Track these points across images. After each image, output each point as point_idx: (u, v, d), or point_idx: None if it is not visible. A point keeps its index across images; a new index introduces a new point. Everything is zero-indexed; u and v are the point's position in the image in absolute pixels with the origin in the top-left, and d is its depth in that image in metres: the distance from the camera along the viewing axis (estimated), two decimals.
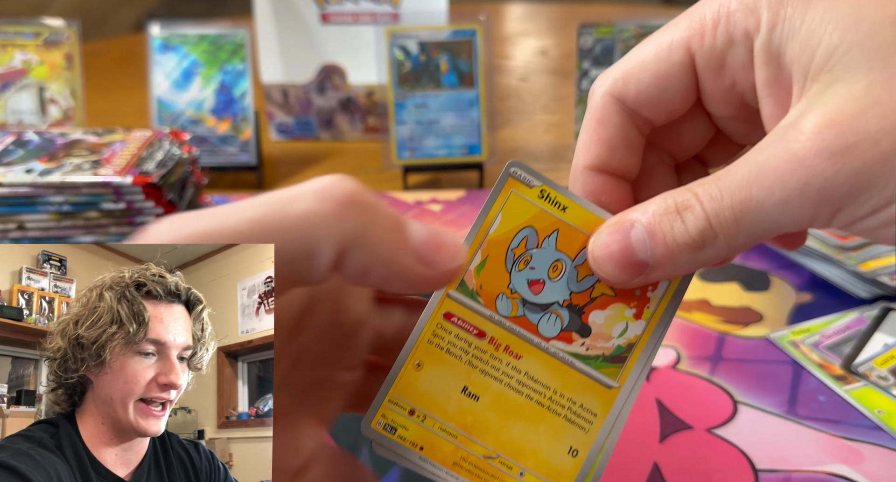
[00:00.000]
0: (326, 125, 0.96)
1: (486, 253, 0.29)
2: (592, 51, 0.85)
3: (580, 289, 0.29)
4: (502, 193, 0.29)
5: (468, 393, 0.29)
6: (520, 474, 0.28)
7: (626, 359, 0.29)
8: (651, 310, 0.29)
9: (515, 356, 0.29)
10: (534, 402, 0.29)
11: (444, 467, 0.28)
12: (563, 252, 0.29)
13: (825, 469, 0.46)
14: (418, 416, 0.29)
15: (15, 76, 0.85)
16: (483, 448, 0.29)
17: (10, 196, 0.58)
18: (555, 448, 0.29)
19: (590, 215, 0.29)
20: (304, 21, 0.92)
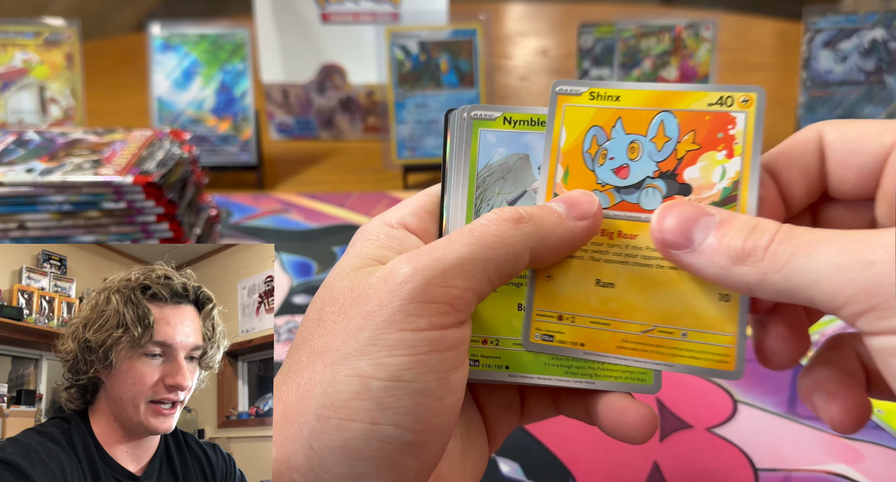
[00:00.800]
0: (327, 125, 0.96)
1: (565, 164, 0.32)
2: (592, 50, 0.85)
3: (664, 157, 0.31)
4: (557, 111, 0.32)
5: (602, 284, 0.31)
6: (682, 335, 0.30)
7: (736, 197, 0.30)
8: (740, 144, 0.30)
9: (630, 237, 0.31)
10: (666, 269, 0.30)
11: (609, 354, 0.31)
12: (634, 133, 0.31)
13: (825, 468, 0.46)
14: (567, 319, 0.31)
15: (15, 76, 0.85)
16: (638, 325, 0.30)
17: (11, 195, 0.58)
18: (705, 301, 0.30)
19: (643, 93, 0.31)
20: (305, 21, 0.92)
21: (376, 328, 0.27)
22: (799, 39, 0.80)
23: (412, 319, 0.27)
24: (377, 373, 0.26)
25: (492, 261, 0.28)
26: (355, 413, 0.26)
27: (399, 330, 0.27)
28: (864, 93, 0.80)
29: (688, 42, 0.82)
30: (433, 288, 0.27)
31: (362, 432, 0.26)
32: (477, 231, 0.28)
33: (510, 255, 0.28)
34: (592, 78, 0.86)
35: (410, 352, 0.26)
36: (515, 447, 0.48)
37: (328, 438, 0.26)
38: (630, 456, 0.47)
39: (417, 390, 0.26)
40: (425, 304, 0.27)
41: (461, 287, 0.27)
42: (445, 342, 0.27)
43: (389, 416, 0.26)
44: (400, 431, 0.26)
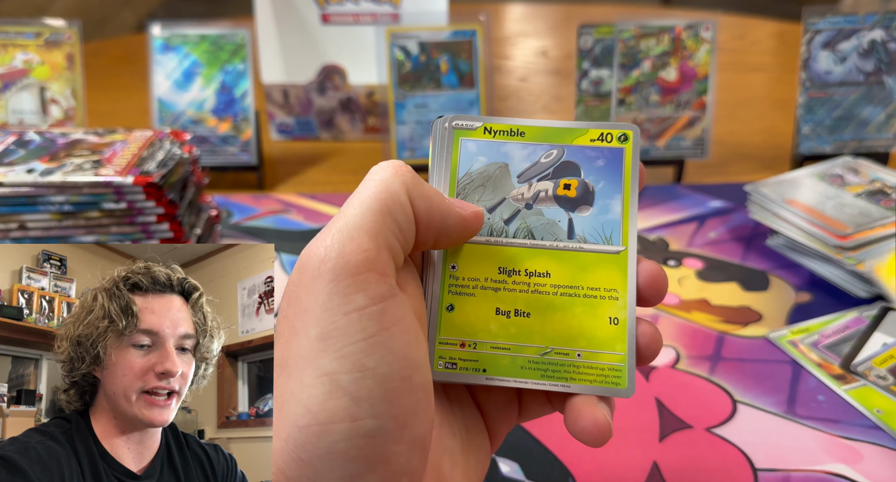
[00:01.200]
0: (327, 125, 0.96)
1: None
2: (592, 51, 0.85)
3: None
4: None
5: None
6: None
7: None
8: None
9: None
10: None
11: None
12: None
13: (824, 468, 0.46)
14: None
15: (16, 76, 0.85)
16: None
17: (12, 196, 0.58)
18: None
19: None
20: (305, 21, 0.92)
21: (320, 320, 0.27)
22: (798, 40, 0.80)
23: (349, 298, 0.27)
24: (341, 366, 0.26)
25: (385, 212, 0.29)
26: (334, 414, 0.26)
27: (343, 313, 0.27)
28: (864, 93, 0.80)
29: (687, 43, 0.82)
30: (350, 257, 0.27)
31: (344, 433, 0.26)
32: (361, 188, 0.30)
33: (397, 203, 0.29)
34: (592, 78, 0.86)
35: (364, 336, 0.27)
36: (515, 447, 0.48)
37: (313, 447, 0.26)
38: (630, 456, 0.47)
39: (383, 375, 0.27)
40: (352, 277, 0.27)
41: (373, 247, 0.28)
42: (389, 317, 0.27)
43: (366, 409, 0.26)
44: (379, 421, 0.26)
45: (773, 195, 0.68)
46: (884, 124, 0.81)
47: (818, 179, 0.70)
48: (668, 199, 0.79)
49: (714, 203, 0.78)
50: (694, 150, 0.83)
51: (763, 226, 0.71)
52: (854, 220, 0.63)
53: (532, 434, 0.49)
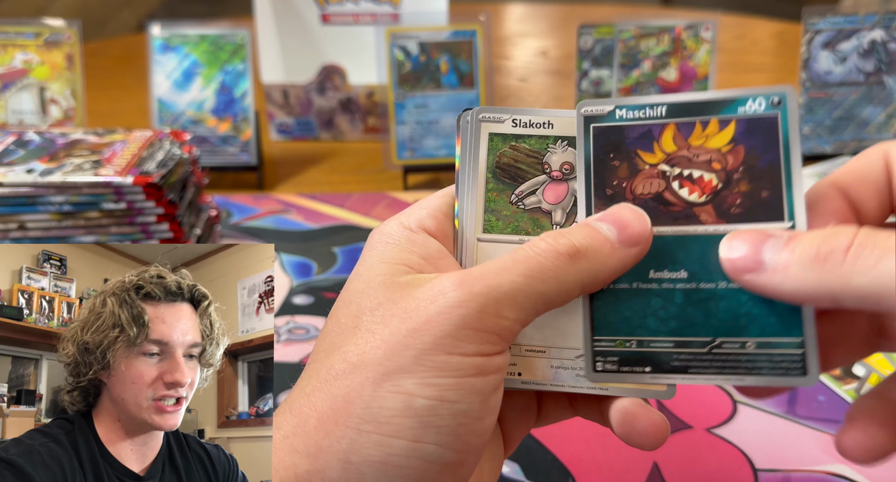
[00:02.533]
0: (327, 125, 0.96)
1: None
2: (592, 51, 0.85)
3: None
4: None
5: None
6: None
7: None
8: None
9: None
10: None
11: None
12: None
13: (824, 468, 0.46)
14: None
15: (16, 76, 0.85)
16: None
17: (11, 196, 0.58)
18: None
19: None
20: (305, 21, 0.92)
21: (423, 348, 0.27)
22: (798, 40, 0.80)
23: (461, 345, 0.27)
24: (422, 392, 0.26)
25: (543, 295, 0.28)
26: (398, 430, 0.26)
27: (447, 353, 0.27)
28: (864, 94, 0.80)
29: (687, 43, 0.82)
30: (485, 317, 0.27)
31: (404, 449, 0.26)
32: (533, 263, 0.28)
33: (562, 292, 0.28)
34: (592, 79, 0.86)
35: (457, 375, 0.27)
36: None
37: (368, 453, 0.26)
38: (630, 456, 0.47)
39: (461, 411, 0.27)
40: (475, 332, 0.27)
41: (511, 318, 0.27)
42: (490, 367, 0.27)
43: (432, 435, 0.26)
44: (441, 450, 0.27)
45: None
46: (884, 124, 0.81)
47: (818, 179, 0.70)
48: None
49: None
50: None
51: None
52: None
53: (532, 434, 0.49)
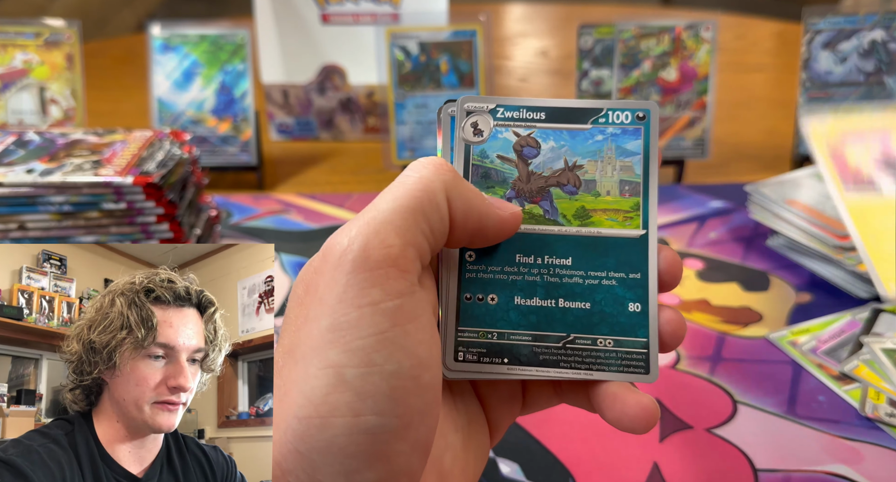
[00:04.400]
0: (327, 125, 0.96)
1: None
2: (592, 51, 0.85)
3: None
4: None
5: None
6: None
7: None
8: None
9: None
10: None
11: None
12: None
13: (825, 469, 0.46)
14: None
15: (16, 76, 0.85)
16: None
17: (11, 196, 0.58)
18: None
19: None
20: (305, 21, 0.92)
21: (333, 311, 0.26)
22: (798, 40, 0.80)
23: (365, 292, 0.26)
24: (349, 360, 0.26)
25: (418, 210, 0.28)
26: (335, 408, 0.26)
27: (356, 306, 0.26)
28: (864, 94, 0.80)
29: (687, 43, 0.82)
30: (372, 251, 0.27)
31: (345, 428, 0.26)
32: (397, 183, 0.29)
33: (433, 203, 0.28)
34: (592, 79, 0.86)
35: (374, 331, 0.26)
36: (515, 447, 0.48)
37: (313, 440, 0.26)
38: (630, 456, 0.47)
39: (391, 372, 0.26)
40: (371, 272, 0.26)
41: (398, 244, 0.27)
42: (404, 314, 0.27)
43: (370, 405, 0.26)
44: (383, 419, 0.26)
45: (773, 195, 0.68)
46: None
47: (818, 179, 0.70)
48: (668, 199, 0.79)
49: (714, 203, 0.78)
50: (694, 150, 0.83)
51: (763, 226, 0.71)
52: None
53: (532, 434, 0.49)
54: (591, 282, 0.32)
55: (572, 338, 0.31)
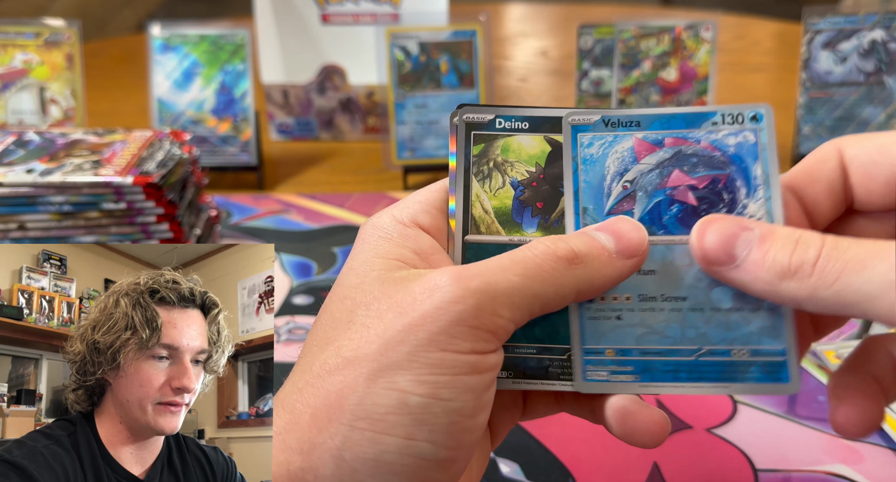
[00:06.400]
0: (327, 125, 0.96)
1: None
2: (592, 51, 0.85)
3: None
4: None
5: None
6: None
7: None
8: None
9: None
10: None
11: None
12: None
13: (825, 469, 0.46)
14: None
15: (16, 76, 0.85)
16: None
17: (11, 196, 0.58)
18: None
19: None
20: (305, 21, 0.92)
21: (418, 344, 0.27)
22: (798, 40, 0.80)
23: (456, 342, 0.27)
24: (416, 389, 0.26)
25: (540, 297, 0.28)
26: (391, 427, 0.26)
27: (441, 350, 0.27)
28: (864, 94, 0.80)
29: (687, 43, 0.82)
30: (482, 315, 0.27)
31: (397, 447, 0.26)
32: (531, 263, 0.28)
33: (558, 296, 0.29)
34: (592, 79, 0.86)
35: (451, 373, 0.27)
36: (515, 447, 0.48)
37: (361, 450, 0.26)
38: (630, 456, 0.47)
39: (454, 409, 0.27)
40: (471, 329, 0.27)
41: (506, 317, 0.28)
42: (484, 365, 0.27)
43: (425, 433, 0.26)
44: (434, 448, 0.27)
45: None
46: (884, 124, 0.81)
47: None
48: None
49: None
50: None
51: None
52: None
53: (532, 434, 0.49)
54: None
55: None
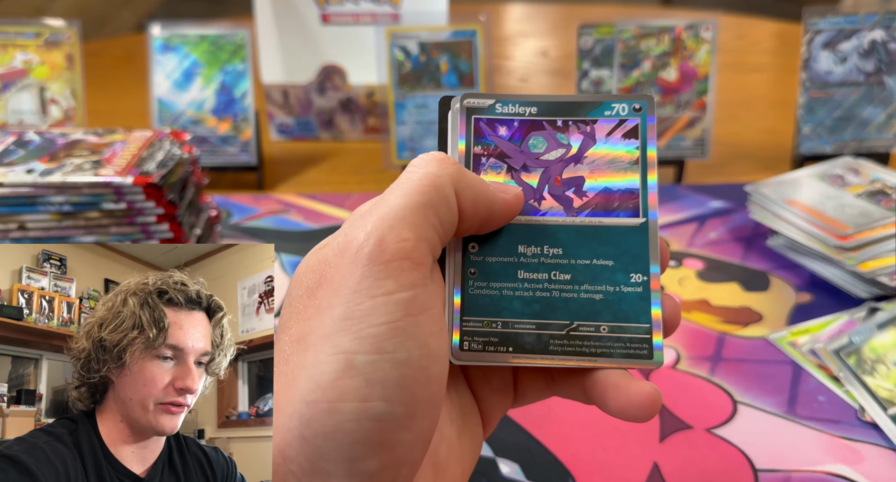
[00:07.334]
0: (327, 125, 0.96)
1: None
2: (592, 51, 0.85)
3: None
4: None
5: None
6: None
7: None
8: None
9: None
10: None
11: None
12: None
13: (825, 469, 0.46)
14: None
15: (16, 76, 0.85)
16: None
17: (11, 196, 0.58)
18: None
19: None
20: (305, 21, 0.92)
21: (347, 300, 0.27)
22: (798, 40, 0.80)
23: (379, 283, 0.27)
24: (359, 347, 0.26)
25: (428, 206, 0.29)
26: (344, 393, 0.26)
27: (370, 297, 0.27)
28: (864, 94, 0.80)
29: (687, 43, 0.82)
30: (388, 245, 0.27)
31: (354, 413, 0.26)
32: (404, 179, 0.30)
33: (442, 196, 0.29)
34: (592, 79, 0.86)
35: (387, 320, 0.27)
36: (515, 447, 0.48)
37: (319, 424, 0.26)
38: (630, 456, 0.47)
39: (401, 361, 0.26)
40: (386, 264, 0.27)
41: (412, 238, 0.28)
42: (416, 304, 0.27)
43: (378, 391, 0.26)
44: (390, 406, 0.26)
45: (773, 195, 0.68)
46: (884, 124, 0.81)
47: (818, 180, 0.70)
48: (668, 199, 0.79)
49: (714, 203, 0.78)
50: (694, 150, 0.83)
51: (763, 226, 0.71)
52: (854, 221, 0.63)
53: (532, 434, 0.49)
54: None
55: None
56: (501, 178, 0.33)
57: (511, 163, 0.34)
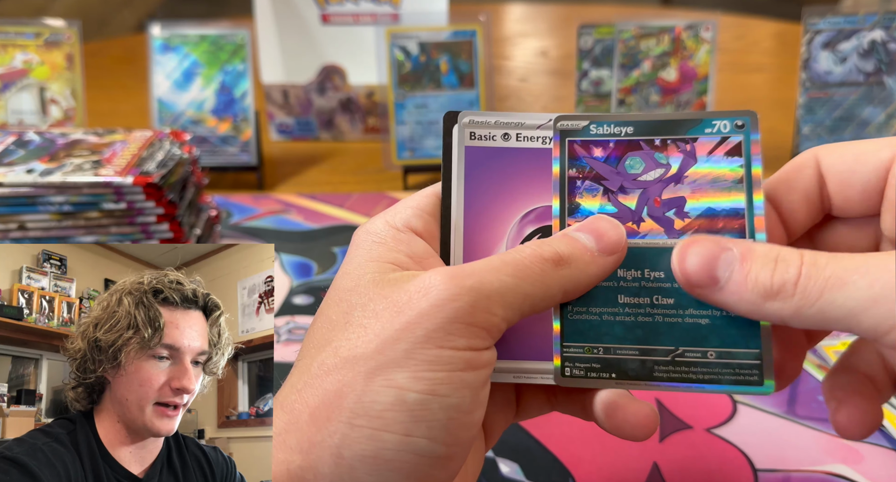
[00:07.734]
0: (327, 125, 0.96)
1: None
2: (592, 51, 0.85)
3: None
4: None
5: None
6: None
7: None
8: None
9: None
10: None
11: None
12: None
13: (824, 469, 0.46)
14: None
15: (16, 76, 0.85)
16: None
17: (11, 196, 0.58)
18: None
19: None
20: (305, 21, 0.92)
21: (415, 341, 0.27)
22: (798, 40, 0.80)
23: (452, 338, 0.27)
24: (414, 385, 0.27)
25: (530, 297, 0.29)
26: (389, 424, 0.26)
27: (438, 347, 0.27)
28: (864, 94, 0.80)
29: (687, 43, 0.82)
30: (476, 312, 0.28)
31: (395, 443, 0.26)
32: (521, 265, 0.29)
33: (547, 296, 0.30)
34: (592, 79, 0.86)
35: (447, 369, 0.27)
36: (515, 447, 0.48)
37: (360, 448, 0.26)
38: (630, 456, 0.47)
39: (451, 405, 0.27)
40: (466, 326, 0.28)
41: (500, 315, 0.28)
42: (479, 362, 0.28)
43: (423, 430, 0.27)
44: (432, 444, 0.27)
45: None
46: (884, 125, 0.81)
47: None
48: None
49: None
50: None
51: None
52: None
53: (532, 434, 0.49)
54: None
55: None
56: (598, 201, 0.32)
57: (607, 184, 0.32)
